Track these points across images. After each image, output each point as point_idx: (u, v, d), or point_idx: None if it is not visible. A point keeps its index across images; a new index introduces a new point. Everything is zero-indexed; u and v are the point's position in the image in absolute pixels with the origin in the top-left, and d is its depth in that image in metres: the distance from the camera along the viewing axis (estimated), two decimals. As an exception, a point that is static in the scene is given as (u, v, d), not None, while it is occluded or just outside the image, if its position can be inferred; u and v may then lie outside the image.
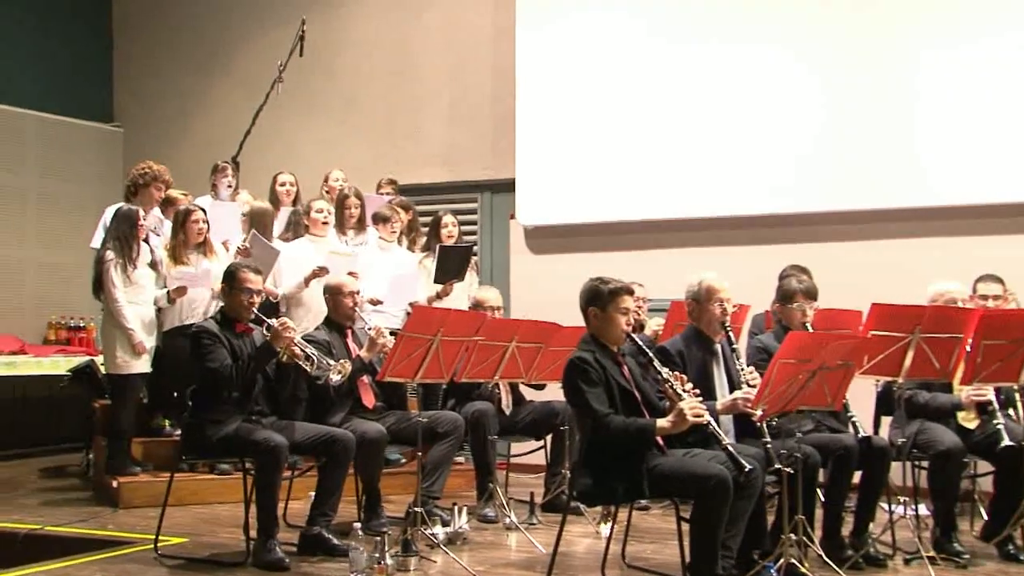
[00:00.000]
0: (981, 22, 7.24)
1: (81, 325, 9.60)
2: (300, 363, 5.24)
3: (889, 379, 5.08)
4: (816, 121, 7.67)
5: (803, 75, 7.73)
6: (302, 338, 5.39)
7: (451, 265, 7.16)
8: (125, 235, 6.65)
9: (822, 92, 7.65)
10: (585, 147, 8.38)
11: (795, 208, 7.72)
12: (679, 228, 8.13)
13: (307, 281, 6.85)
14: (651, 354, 4.49)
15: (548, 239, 8.64)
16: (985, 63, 7.18)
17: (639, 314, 6.65)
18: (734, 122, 7.92)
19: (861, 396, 5.24)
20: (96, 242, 7.01)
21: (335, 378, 5.31)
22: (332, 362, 5.33)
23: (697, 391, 4.37)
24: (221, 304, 5.71)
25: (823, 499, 5.03)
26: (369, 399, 5.80)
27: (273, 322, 5.23)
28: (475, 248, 8.44)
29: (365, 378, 5.78)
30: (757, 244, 7.84)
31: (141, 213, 6.78)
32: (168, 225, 7.11)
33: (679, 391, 4.32)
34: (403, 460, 6.81)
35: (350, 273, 6.65)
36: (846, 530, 5.06)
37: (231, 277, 5.40)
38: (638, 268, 7.29)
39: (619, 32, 8.29)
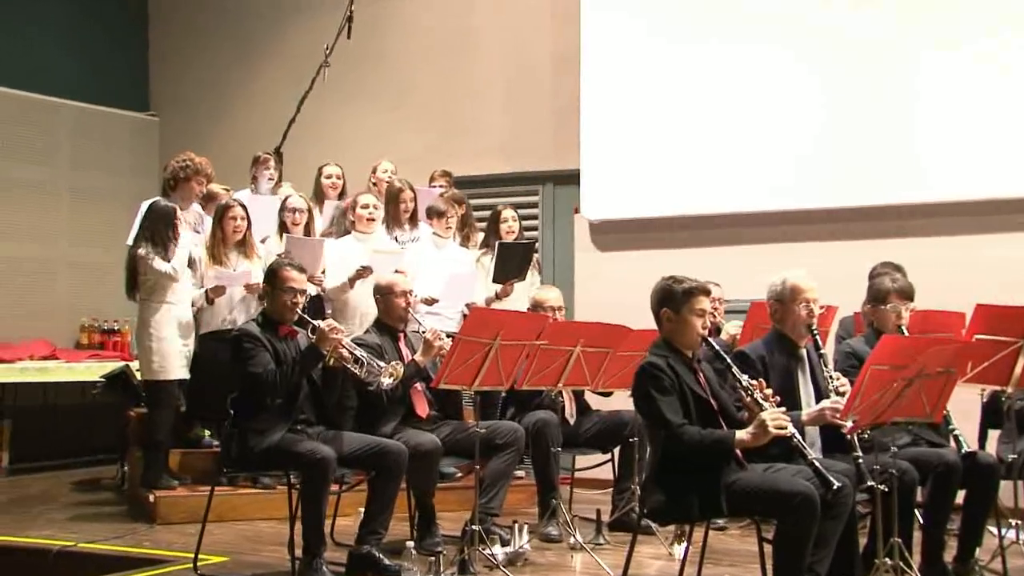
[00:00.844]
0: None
1: (115, 328, 9.75)
2: (349, 366, 5.29)
3: (997, 388, 4.99)
4: (917, 108, 7.61)
5: (912, 56, 7.66)
6: (351, 341, 5.43)
7: (511, 263, 7.18)
8: (161, 234, 6.72)
9: (930, 76, 7.60)
10: (656, 134, 8.35)
11: (889, 200, 7.64)
12: (760, 222, 8.07)
13: (351, 282, 6.91)
14: (729, 360, 4.48)
15: (616, 234, 8.62)
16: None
17: (716, 316, 6.65)
18: (819, 106, 7.87)
19: (965, 407, 5.17)
20: (132, 239, 7.05)
21: (386, 382, 5.34)
22: (383, 364, 5.36)
23: (780, 400, 4.34)
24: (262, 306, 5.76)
25: (922, 521, 4.97)
26: (423, 408, 5.83)
27: (319, 323, 5.28)
28: (536, 245, 8.47)
29: (418, 385, 5.80)
30: (847, 239, 7.76)
31: (178, 211, 6.84)
32: (209, 221, 7.21)
33: (760, 400, 4.30)
34: (459, 474, 6.74)
35: (397, 271, 6.71)
36: (949, 556, 5.00)
37: (273, 276, 5.46)
38: (715, 266, 7.26)
39: (692, 13, 8.28)
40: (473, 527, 5.22)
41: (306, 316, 5.44)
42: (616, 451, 6.48)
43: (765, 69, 8.03)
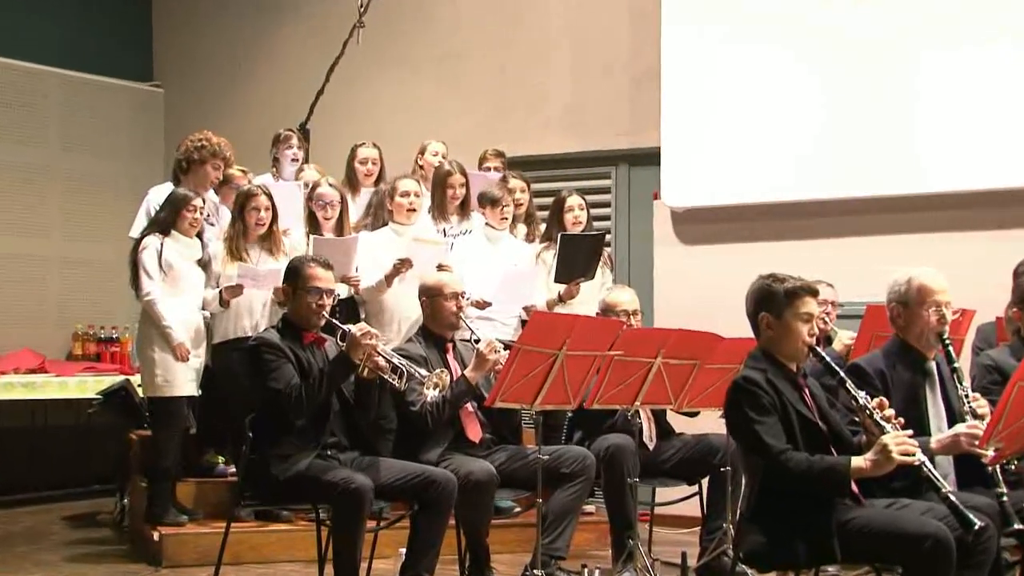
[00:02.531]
0: None
1: (114, 337, 9.85)
2: (386, 377, 5.31)
3: None
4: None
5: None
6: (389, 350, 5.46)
7: (577, 259, 7.17)
8: (171, 219, 6.81)
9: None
10: (752, 105, 8.31)
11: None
12: (880, 208, 7.98)
13: (388, 280, 6.93)
14: (842, 374, 4.45)
15: (703, 224, 8.57)
16: None
17: (826, 322, 6.63)
18: (952, 77, 7.79)
19: None
20: (136, 231, 7.16)
21: (431, 393, 5.34)
22: (426, 373, 5.36)
23: (904, 422, 4.30)
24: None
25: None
26: (475, 431, 5.84)
27: (351, 328, 5.30)
28: (607, 237, 8.44)
29: (469, 405, 5.81)
30: (988, 229, 7.68)
31: (199, 201, 6.91)
32: (225, 212, 7.25)
33: (880, 422, 4.26)
34: (517, 508, 6.90)
35: (441, 267, 6.80)
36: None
37: (295, 274, 5.50)
38: (824, 262, 7.21)
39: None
40: (535, 572, 5.23)
41: (335, 321, 5.48)
42: (705, 482, 6.44)
43: (886, 32, 7.95)
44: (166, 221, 6.83)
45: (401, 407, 5.60)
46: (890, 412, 4.31)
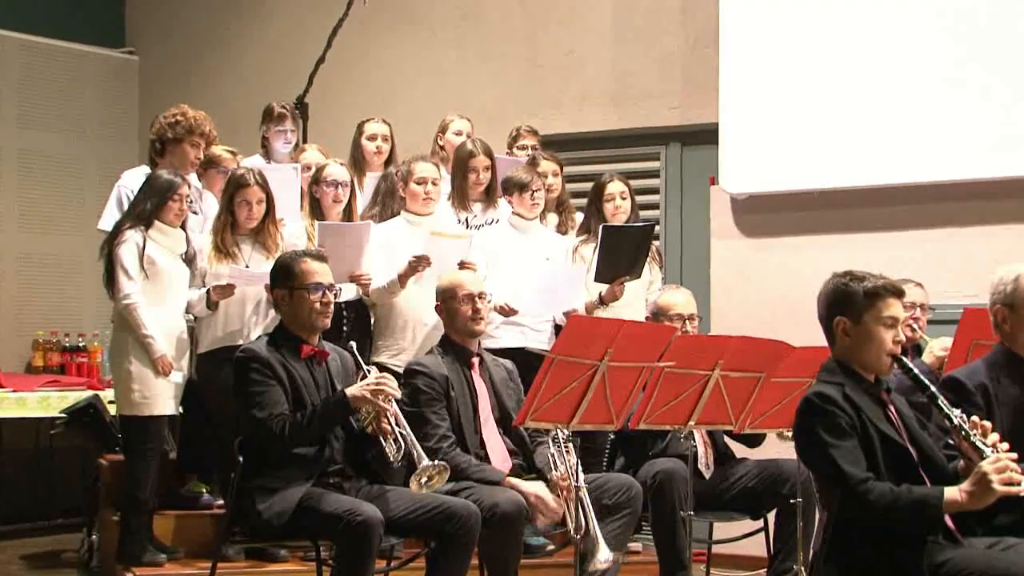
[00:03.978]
0: None
1: (81, 345, 9.78)
2: (383, 441, 5.35)
3: None
4: None
5: None
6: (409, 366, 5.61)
7: (620, 254, 7.14)
8: (156, 209, 6.79)
9: None
10: (828, 74, 8.24)
11: None
12: (981, 194, 7.91)
13: (402, 280, 6.90)
14: (934, 389, 4.43)
15: (769, 214, 8.54)
16: None
17: (914, 328, 6.64)
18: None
19: None
20: (106, 223, 7.15)
21: (414, 486, 5.28)
22: (426, 460, 5.29)
23: (1010, 446, 4.27)
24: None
25: None
26: (501, 456, 5.86)
27: (371, 376, 5.34)
28: (656, 228, 8.40)
29: (495, 425, 5.84)
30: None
31: (186, 188, 6.88)
32: (211, 199, 7.25)
33: (980, 445, 4.24)
34: (551, 546, 6.85)
35: (463, 265, 6.79)
36: None
37: (287, 274, 5.53)
38: (913, 257, 7.25)
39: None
40: (572, 620, 5.26)
41: (359, 357, 5.53)
42: (771, 517, 6.44)
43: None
44: (149, 211, 6.80)
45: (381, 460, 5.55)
46: (995, 436, 4.28)
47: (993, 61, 7.84)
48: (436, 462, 5.33)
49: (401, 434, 5.33)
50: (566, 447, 5.52)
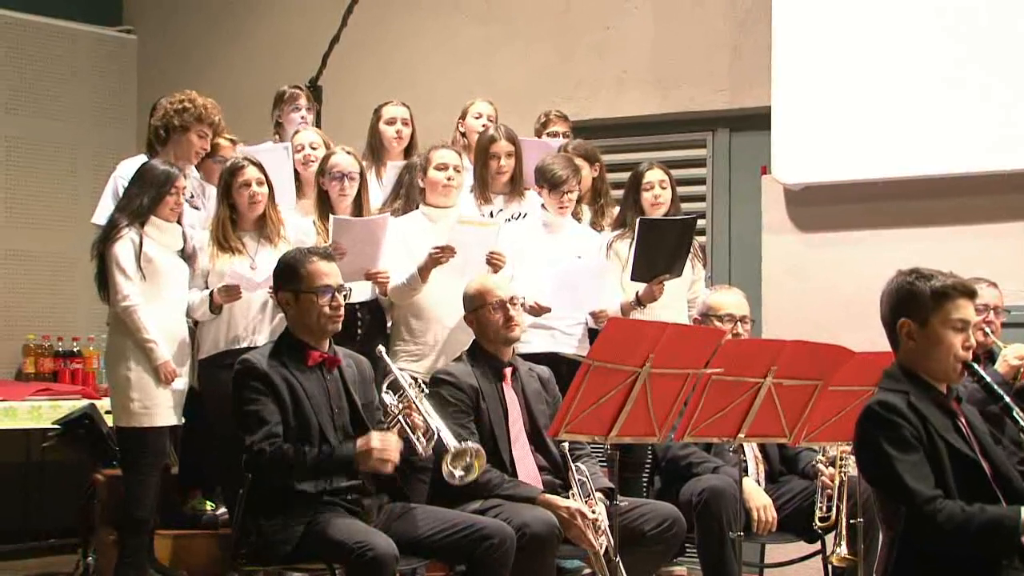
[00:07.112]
0: None
1: (75, 350, 9.81)
2: (412, 436, 5.40)
3: None
4: None
5: None
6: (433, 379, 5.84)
7: (660, 250, 7.09)
8: (153, 204, 6.77)
9: None
10: (891, 55, 8.16)
11: None
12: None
13: (423, 274, 6.85)
14: (1008, 399, 4.49)
15: (826, 206, 8.50)
16: None
17: (987, 332, 6.69)
18: None
19: None
20: (102, 217, 7.14)
21: (458, 474, 5.39)
22: (455, 443, 5.38)
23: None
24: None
25: None
26: (531, 472, 5.91)
27: (375, 438, 5.32)
28: (700, 222, 8.41)
29: (525, 440, 5.93)
30: None
31: (182, 180, 6.89)
32: (212, 192, 7.23)
33: (1061, 462, 4.27)
34: (587, 570, 6.76)
35: (493, 258, 6.80)
36: None
37: (292, 276, 5.58)
38: (985, 254, 7.31)
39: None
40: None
41: (388, 361, 5.74)
42: (829, 539, 6.43)
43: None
44: (145, 206, 6.81)
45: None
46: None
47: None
48: (468, 444, 5.43)
49: (430, 426, 5.42)
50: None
